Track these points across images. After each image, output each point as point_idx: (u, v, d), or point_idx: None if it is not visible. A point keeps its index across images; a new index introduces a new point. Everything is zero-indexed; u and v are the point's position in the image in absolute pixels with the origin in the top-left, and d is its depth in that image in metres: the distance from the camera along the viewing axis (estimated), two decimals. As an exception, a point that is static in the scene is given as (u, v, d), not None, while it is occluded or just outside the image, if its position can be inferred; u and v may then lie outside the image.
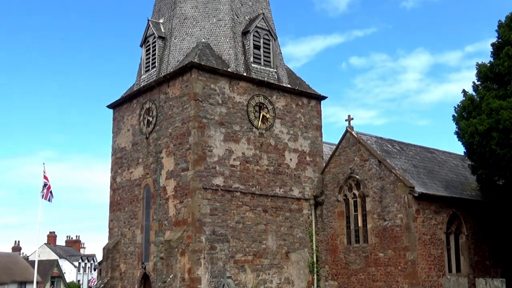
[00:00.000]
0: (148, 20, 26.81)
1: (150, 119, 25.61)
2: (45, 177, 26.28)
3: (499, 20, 24.32)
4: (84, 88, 71.35)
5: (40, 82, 70.50)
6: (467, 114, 23.90)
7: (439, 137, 72.86)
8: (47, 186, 26.20)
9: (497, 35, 24.21)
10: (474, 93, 24.37)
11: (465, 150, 24.63)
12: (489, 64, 24.08)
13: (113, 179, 27.87)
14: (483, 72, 24.08)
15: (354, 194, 25.25)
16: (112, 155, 28.22)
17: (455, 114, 24.63)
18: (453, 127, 24.66)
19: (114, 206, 27.58)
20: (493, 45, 24.26)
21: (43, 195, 26.14)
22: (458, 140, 24.40)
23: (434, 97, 76.99)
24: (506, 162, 22.00)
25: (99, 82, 72.64)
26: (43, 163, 27.96)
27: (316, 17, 76.29)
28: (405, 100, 77.00)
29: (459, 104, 24.49)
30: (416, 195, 23.18)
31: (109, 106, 28.70)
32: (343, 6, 76.38)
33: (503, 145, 21.77)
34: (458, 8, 74.97)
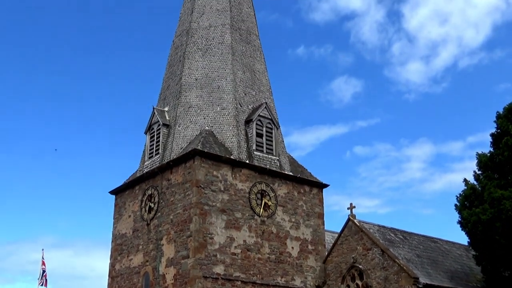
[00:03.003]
0: (153, 108, 27.44)
1: (152, 205, 25.58)
2: (43, 263, 25.91)
3: (497, 111, 24.87)
4: (87, 173, 72.41)
5: (42, 167, 71.77)
6: (469, 203, 23.86)
7: (443, 227, 72.41)
8: (44, 273, 25.77)
9: (496, 126, 24.66)
10: (475, 183, 24.47)
11: (469, 240, 24.35)
12: (489, 154, 24.35)
13: (112, 266, 27.42)
14: (483, 162, 24.30)
15: (357, 284, 24.69)
16: (112, 241, 27.92)
17: (457, 204, 24.58)
18: (457, 216, 24.55)
19: (112, 294, 26.94)
20: (492, 135, 24.65)
21: (42, 283, 25.63)
22: (462, 229, 24.19)
23: (437, 186, 77.13)
24: (510, 253, 21.70)
25: (102, 167, 73.84)
26: (42, 249, 27.67)
27: (322, 108, 77.96)
28: (409, 189, 77.08)
29: (461, 193, 24.51)
30: (420, 286, 22.65)
31: (112, 192, 28.73)
32: (347, 97, 78.28)
33: (507, 235, 21.57)
34: (459, 100, 76.67)
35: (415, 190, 76.61)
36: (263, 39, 30.32)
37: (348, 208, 26.09)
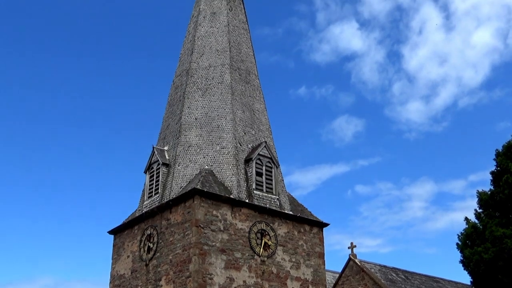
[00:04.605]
0: (153, 147, 27.50)
1: (151, 245, 25.35)
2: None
3: (496, 149, 24.96)
4: (86, 213, 72.09)
5: (39, 205, 71.66)
6: (471, 242, 23.70)
7: (446, 266, 71.67)
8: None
9: (495, 164, 24.70)
10: (476, 221, 24.35)
11: (471, 280, 24.06)
12: (489, 192, 24.31)
13: (110, 308, 27.00)
14: (484, 200, 24.25)
15: (359, 325, 24.33)
16: (110, 282, 27.56)
17: (459, 242, 24.41)
18: (459, 255, 24.34)
19: (110, 337, 26.45)
20: (492, 173, 24.68)
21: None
22: (464, 269, 23.95)
23: (440, 225, 76.79)
24: (514, 292, 21.44)
25: (101, 207, 73.53)
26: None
27: (323, 147, 78.44)
28: (411, 228, 76.68)
29: (462, 232, 24.37)
30: (423, 327, 22.29)
31: (110, 232, 28.51)
32: (348, 136, 78.75)
33: (509, 274, 21.33)
34: (459, 139, 77.15)
35: (417, 229, 76.27)
36: (265, 80, 30.68)
37: (348, 248, 25.92)
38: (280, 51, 78.37)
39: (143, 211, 26.48)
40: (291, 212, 26.59)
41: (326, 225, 27.68)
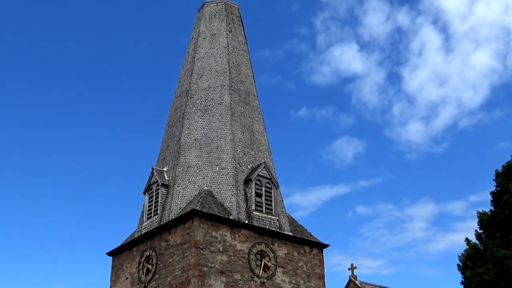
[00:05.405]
0: (152, 168, 27.46)
1: (150, 267, 25.17)
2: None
3: (496, 170, 24.95)
4: (84, 234, 71.89)
5: (36, 226, 71.52)
6: (472, 263, 23.58)
7: (447, 287, 71.30)
8: None
9: (495, 184, 24.68)
10: (477, 242, 24.25)
11: (473, 301, 23.88)
12: (489, 213, 24.25)
13: (108, 330, 26.73)
14: (484, 220, 24.19)
15: None
16: (108, 304, 27.34)
17: (460, 263, 24.28)
18: (460, 276, 24.19)
19: None
20: (492, 193, 24.65)
21: None
22: (465, 290, 23.80)
23: (441, 246, 76.47)
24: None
25: (99, 228, 73.35)
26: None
27: (323, 168, 78.54)
28: (412, 249, 76.32)
29: (463, 253, 24.26)
30: None
31: (109, 254, 28.34)
32: (349, 157, 78.81)
33: (511, 296, 21.19)
34: (460, 160, 77.29)
35: (418, 250, 75.87)
36: (266, 101, 30.76)
37: (349, 269, 25.74)
38: (281, 73, 78.88)
39: (142, 232, 26.35)
40: (290, 233, 26.47)
41: (326, 246, 27.53)
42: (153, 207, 26.72)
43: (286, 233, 26.24)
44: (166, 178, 27.02)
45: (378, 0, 78.96)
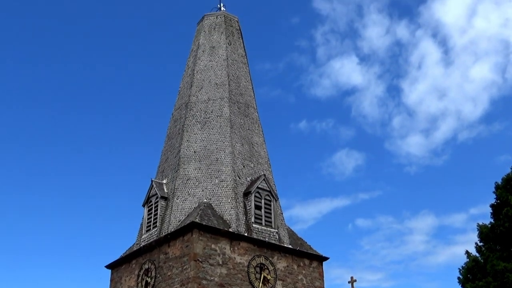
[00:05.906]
0: (151, 180, 27.41)
1: (149, 280, 25.03)
2: None
3: (496, 182, 24.91)
4: (83, 247, 71.56)
5: (36, 239, 71.36)
6: (473, 276, 23.50)
7: (449, 301, 71.21)
8: None
9: (495, 197, 24.64)
10: (477, 254, 24.17)
11: (474, 315, 23.76)
12: (489, 225, 24.19)
13: None
14: (484, 233, 24.13)
15: None
16: (107, 318, 27.19)
17: (460, 276, 24.19)
18: (460, 290, 24.10)
19: None
20: (492, 206, 24.60)
21: None
22: (466, 303, 23.68)
23: (441, 259, 76.20)
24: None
25: (98, 241, 73.07)
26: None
27: (323, 181, 78.62)
28: (412, 262, 76.06)
29: (464, 266, 24.17)
30: None
31: (108, 266, 28.22)
32: (349, 170, 78.86)
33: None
34: (460, 172, 77.33)
35: (419, 263, 75.58)
36: (266, 114, 30.81)
37: (349, 282, 25.63)
38: (281, 86, 79.18)
39: (141, 245, 26.25)
40: (290, 246, 26.37)
41: (326, 259, 27.42)
42: (152, 219, 26.64)
43: (285, 245, 26.14)
44: (166, 191, 26.97)
45: (378, 13, 79.43)
